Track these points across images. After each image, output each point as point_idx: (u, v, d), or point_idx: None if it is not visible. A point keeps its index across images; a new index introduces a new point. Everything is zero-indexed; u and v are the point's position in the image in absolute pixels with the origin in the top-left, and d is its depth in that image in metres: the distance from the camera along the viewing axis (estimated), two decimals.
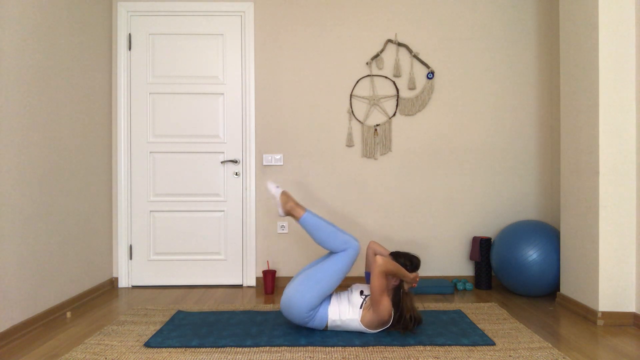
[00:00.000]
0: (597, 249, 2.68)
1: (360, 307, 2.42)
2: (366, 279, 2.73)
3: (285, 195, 2.62)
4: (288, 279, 3.57)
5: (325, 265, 2.47)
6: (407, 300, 2.43)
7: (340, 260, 2.47)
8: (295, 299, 2.40)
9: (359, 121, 3.62)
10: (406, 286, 2.46)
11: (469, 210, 3.63)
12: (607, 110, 2.67)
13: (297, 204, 2.60)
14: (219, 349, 2.26)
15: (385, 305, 2.35)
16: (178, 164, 3.64)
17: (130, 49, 3.64)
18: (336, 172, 3.63)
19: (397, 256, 2.53)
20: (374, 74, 3.63)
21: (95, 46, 3.39)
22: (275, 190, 2.65)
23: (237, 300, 3.24)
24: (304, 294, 2.40)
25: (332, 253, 2.53)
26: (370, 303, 2.38)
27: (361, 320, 2.40)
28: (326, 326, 2.47)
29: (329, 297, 2.52)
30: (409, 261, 2.50)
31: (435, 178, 3.63)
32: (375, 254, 2.72)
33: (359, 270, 3.62)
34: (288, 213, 2.61)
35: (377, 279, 2.32)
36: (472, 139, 3.63)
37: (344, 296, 2.52)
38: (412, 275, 2.45)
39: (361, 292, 2.49)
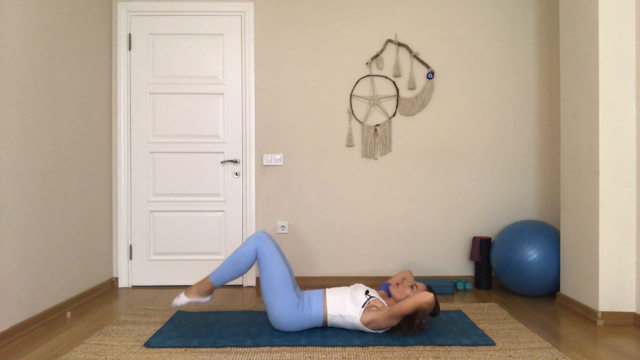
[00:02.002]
0: (597, 249, 2.68)
1: (363, 307, 2.42)
2: (385, 289, 2.72)
3: (188, 291, 2.55)
4: None
5: (261, 272, 2.48)
6: (411, 327, 2.41)
7: (263, 257, 2.47)
8: (276, 314, 2.43)
9: (359, 121, 3.62)
10: (417, 322, 2.41)
11: (469, 210, 3.63)
12: (607, 110, 2.67)
13: (199, 283, 2.55)
14: (219, 349, 2.26)
15: (393, 323, 2.38)
16: (178, 164, 3.64)
17: (130, 49, 3.64)
18: (336, 172, 3.63)
19: (430, 291, 2.51)
20: (374, 74, 3.63)
21: (95, 46, 3.39)
22: (181, 300, 2.55)
23: (237, 300, 3.24)
24: (276, 304, 2.43)
25: (260, 264, 2.52)
26: (384, 311, 2.37)
27: (360, 319, 2.41)
28: (324, 321, 2.47)
29: (320, 294, 2.52)
30: (436, 309, 2.47)
31: (435, 178, 3.63)
32: (404, 279, 2.65)
33: (360, 270, 3.62)
34: (205, 293, 2.56)
35: (413, 307, 2.31)
36: (472, 138, 3.63)
37: (346, 292, 2.51)
38: (426, 317, 2.46)
39: (366, 292, 2.49)
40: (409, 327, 2.39)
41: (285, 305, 2.42)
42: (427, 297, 2.31)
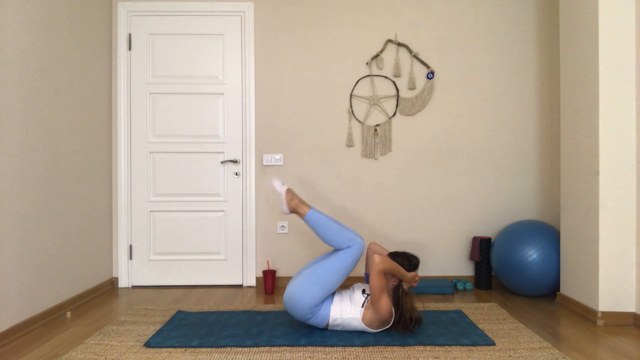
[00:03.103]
0: (597, 249, 2.68)
1: (362, 306, 2.42)
2: (366, 279, 2.73)
3: (290, 192, 2.63)
4: (288, 279, 3.57)
5: (329, 262, 2.47)
6: (407, 300, 2.43)
7: (345, 258, 2.47)
8: (299, 295, 2.40)
9: (359, 121, 3.62)
10: (405, 286, 2.47)
11: (469, 210, 3.63)
12: (607, 110, 2.67)
13: (302, 202, 2.61)
14: (219, 349, 2.26)
15: (385, 304, 2.35)
16: (178, 164, 3.64)
17: (130, 49, 3.64)
18: (336, 172, 3.63)
19: (395, 256, 2.54)
20: (374, 74, 3.63)
21: (95, 46, 3.39)
22: (280, 188, 2.66)
23: (237, 300, 3.24)
24: (308, 291, 2.40)
25: (336, 250, 2.54)
26: (371, 302, 2.39)
27: (362, 319, 2.40)
28: (327, 325, 2.47)
29: (332, 296, 2.52)
30: (407, 260, 2.51)
31: (435, 178, 3.63)
32: (374, 254, 2.72)
33: (360, 270, 3.62)
34: (293, 210, 2.62)
35: (375, 278, 2.32)
36: (472, 138, 3.63)
37: (345, 294, 2.52)
38: (411, 274, 2.46)
39: (363, 291, 2.49)
40: (397, 302, 2.39)
41: (309, 299, 2.39)
42: (373, 262, 2.33)
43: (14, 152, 2.49)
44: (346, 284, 3.57)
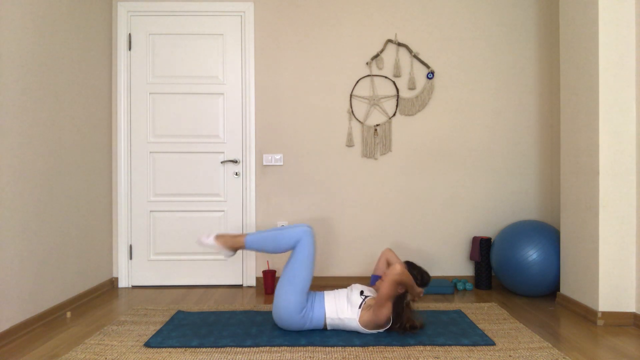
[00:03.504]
0: (597, 249, 2.68)
1: (359, 307, 2.42)
2: (372, 281, 2.73)
3: (219, 237, 2.54)
4: None
5: (291, 264, 2.47)
6: (408, 311, 2.43)
7: (300, 252, 2.46)
8: (282, 307, 2.42)
9: (359, 121, 3.62)
10: (409, 298, 2.47)
11: (469, 210, 3.63)
12: (607, 110, 2.67)
13: (234, 235, 2.54)
14: (219, 349, 2.26)
15: (387, 311, 2.36)
16: (178, 164, 3.64)
17: (130, 49, 3.64)
18: (336, 172, 3.63)
19: (411, 267, 2.53)
20: (374, 74, 3.63)
21: (95, 46, 3.39)
22: (209, 241, 2.54)
23: (237, 300, 3.25)
24: (287, 299, 2.41)
25: (292, 252, 2.53)
26: (374, 303, 2.38)
27: (359, 320, 2.40)
28: (325, 325, 2.47)
29: (321, 295, 2.52)
30: (420, 276, 2.51)
31: (435, 178, 3.63)
32: (388, 262, 2.74)
33: (360, 270, 3.62)
34: (234, 248, 2.55)
35: (390, 286, 2.30)
36: (472, 138, 3.63)
37: (342, 294, 2.52)
38: (419, 290, 2.48)
39: (361, 292, 2.49)
40: (399, 313, 2.38)
41: (293, 306, 2.41)
42: (394, 270, 2.29)
43: (14, 152, 2.49)
44: (344, 284, 3.58)
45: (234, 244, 2.53)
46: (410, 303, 2.48)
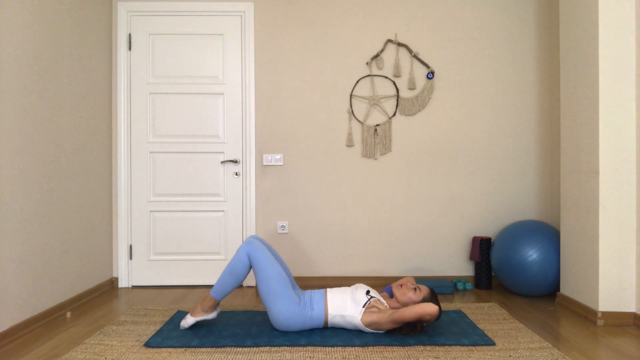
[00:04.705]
0: (597, 249, 2.68)
1: (363, 306, 2.42)
2: (388, 291, 2.70)
3: (193, 311, 2.54)
4: None
5: (257, 276, 2.48)
6: (412, 330, 2.42)
7: (257, 262, 2.47)
8: (276, 315, 2.44)
9: (359, 121, 3.62)
10: (418, 326, 2.43)
11: (469, 210, 3.63)
12: (607, 110, 2.67)
13: (202, 301, 2.55)
14: (219, 349, 2.26)
15: (396, 325, 2.39)
16: (178, 164, 3.64)
17: (130, 49, 3.64)
18: (336, 172, 3.63)
19: (433, 296, 2.49)
20: (374, 74, 3.63)
21: (95, 46, 3.39)
22: (189, 321, 2.54)
23: (237, 300, 3.24)
24: (276, 306, 2.43)
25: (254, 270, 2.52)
26: (386, 314, 2.38)
27: (361, 319, 2.41)
28: (325, 322, 2.48)
29: (322, 294, 2.52)
30: (438, 313, 2.42)
31: (435, 178, 3.63)
32: (406, 290, 2.59)
33: (360, 270, 3.62)
34: (212, 308, 2.56)
35: (416, 316, 2.31)
36: (472, 138, 3.63)
37: (346, 292, 2.52)
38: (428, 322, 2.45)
39: (367, 292, 2.49)
40: (411, 330, 2.39)
41: (285, 304, 2.42)
42: (431, 308, 2.30)
43: (14, 152, 2.49)
44: (347, 284, 3.58)
45: (208, 306, 2.54)
46: (420, 328, 2.44)
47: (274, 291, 2.44)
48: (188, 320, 2.54)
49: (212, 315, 2.57)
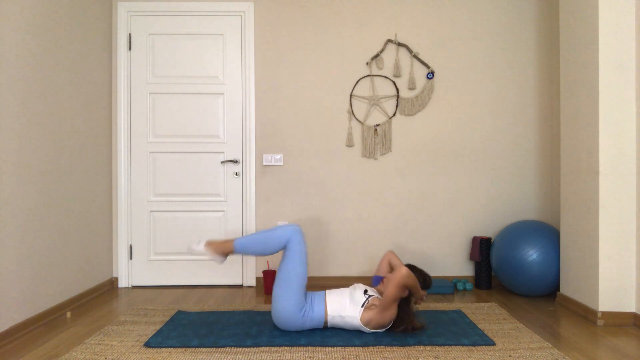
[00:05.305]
0: (597, 249, 2.68)
1: (362, 306, 2.42)
2: (374, 282, 2.73)
3: (209, 244, 2.55)
4: None
5: (285, 264, 2.48)
6: (411, 314, 2.45)
7: (293, 250, 2.47)
8: (281, 309, 2.43)
9: (359, 121, 3.62)
10: (413, 300, 2.48)
11: (469, 210, 3.63)
12: (607, 110, 2.67)
13: (223, 241, 2.55)
14: (219, 349, 2.26)
15: (392, 312, 2.38)
16: (178, 164, 3.64)
17: (130, 49, 3.64)
18: (336, 172, 3.63)
19: (413, 270, 2.54)
20: (374, 74, 3.63)
21: (95, 46, 3.39)
22: (198, 247, 2.55)
23: (237, 300, 3.25)
24: (285, 299, 2.42)
25: (283, 251, 2.54)
26: (379, 304, 2.39)
27: (360, 319, 2.41)
28: (325, 323, 2.47)
29: (322, 295, 2.52)
30: (422, 278, 2.53)
31: (435, 178, 3.63)
32: (390, 264, 2.76)
33: (361, 270, 3.62)
34: (224, 254, 2.56)
35: (396, 288, 2.32)
36: (472, 138, 3.63)
37: (345, 293, 2.52)
38: (422, 292, 2.49)
39: (365, 292, 2.49)
40: (409, 319, 2.40)
41: (292, 305, 2.42)
42: (401, 271, 2.31)
43: (13, 152, 2.49)
44: (346, 284, 3.58)
45: (224, 250, 2.54)
46: (413, 305, 2.49)
47: (290, 287, 2.43)
48: (199, 247, 2.52)
49: (219, 259, 2.54)
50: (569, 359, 2.13)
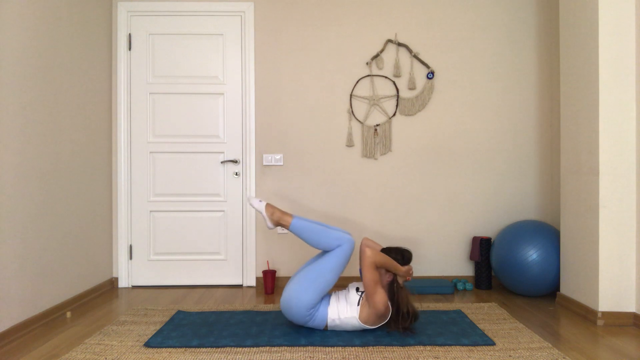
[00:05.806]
0: (597, 249, 2.68)
1: (358, 304, 2.42)
2: (361, 276, 2.73)
3: (270, 207, 2.59)
4: (288, 279, 3.57)
5: (322, 263, 2.48)
6: (402, 294, 2.44)
7: (336, 257, 2.48)
8: (294, 298, 2.41)
9: (359, 121, 3.62)
10: (400, 280, 2.49)
11: (469, 210, 3.63)
12: (607, 110, 2.67)
13: (284, 213, 2.58)
14: (219, 349, 2.26)
15: (380, 297, 2.36)
16: (178, 164, 3.64)
17: (130, 49, 3.64)
18: (336, 172, 3.63)
19: (388, 251, 2.55)
20: (374, 74, 3.63)
21: (95, 46, 3.39)
22: (259, 205, 2.60)
23: (237, 300, 3.24)
24: (303, 293, 2.40)
25: (328, 253, 2.54)
26: (365, 297, 2.40)
27: (359, 317, 2.41)
28: (326, 326, 2.47)
29: (328, 297, 2.53)
30: (400, 255, 2.53)
31: (435, 178, 3.63)
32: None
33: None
34: (277, 223, 2.59)
35: (367, 271, 2.35)
36: (472, 138, 3.63)
37: (342, 295, 2.53)
38: (404, 268, 2.49)
39: (357, 289, 2.50)
40: (400, 294, 2.41)
41: (306, 301, 2.40)
42: (364, 255, 2.36)
43: (13, 152, 2.49)
44: (342, 284, 3.58)
45: (279, 220, 2.56)
46: (403, 286, 2.49)
47: (315, 286, 2.41)
48: (259, 205, 2.57)
49: (271, 226, 2.58)
50: (568, 359, 2.13)
